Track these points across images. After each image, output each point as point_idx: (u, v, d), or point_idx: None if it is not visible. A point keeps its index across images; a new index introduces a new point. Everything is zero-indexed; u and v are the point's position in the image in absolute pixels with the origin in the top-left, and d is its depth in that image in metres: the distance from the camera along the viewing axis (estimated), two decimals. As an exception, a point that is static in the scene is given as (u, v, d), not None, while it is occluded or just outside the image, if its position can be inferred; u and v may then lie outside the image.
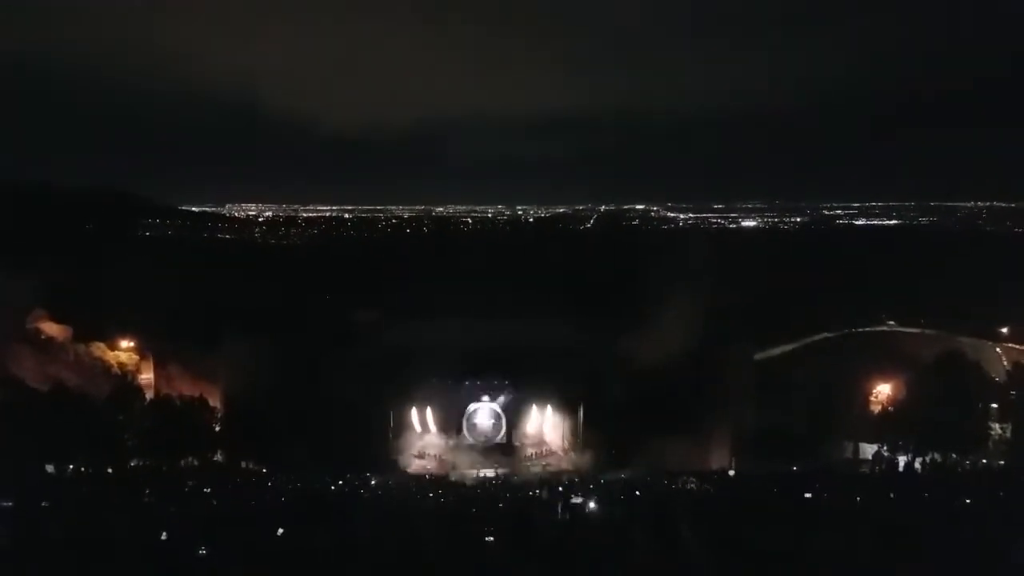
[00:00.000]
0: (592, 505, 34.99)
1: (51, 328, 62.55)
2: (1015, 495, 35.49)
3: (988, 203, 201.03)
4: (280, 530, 26.89)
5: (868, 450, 53.37)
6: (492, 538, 24.93)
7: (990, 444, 51.35)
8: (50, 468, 45.18)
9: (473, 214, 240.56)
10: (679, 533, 25.46)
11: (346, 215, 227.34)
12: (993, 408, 53.30)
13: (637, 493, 40.08)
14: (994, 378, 57.54)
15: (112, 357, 62.14)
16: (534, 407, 61.25)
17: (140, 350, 63.91)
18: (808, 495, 34.83)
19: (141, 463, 49.78)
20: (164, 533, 26.68)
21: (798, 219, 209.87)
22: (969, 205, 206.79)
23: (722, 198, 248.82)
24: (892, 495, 35.67)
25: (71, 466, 46.36)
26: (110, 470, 46.63)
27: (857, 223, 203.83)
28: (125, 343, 63.74)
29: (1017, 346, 63.87)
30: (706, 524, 27.65)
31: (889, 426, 53.63)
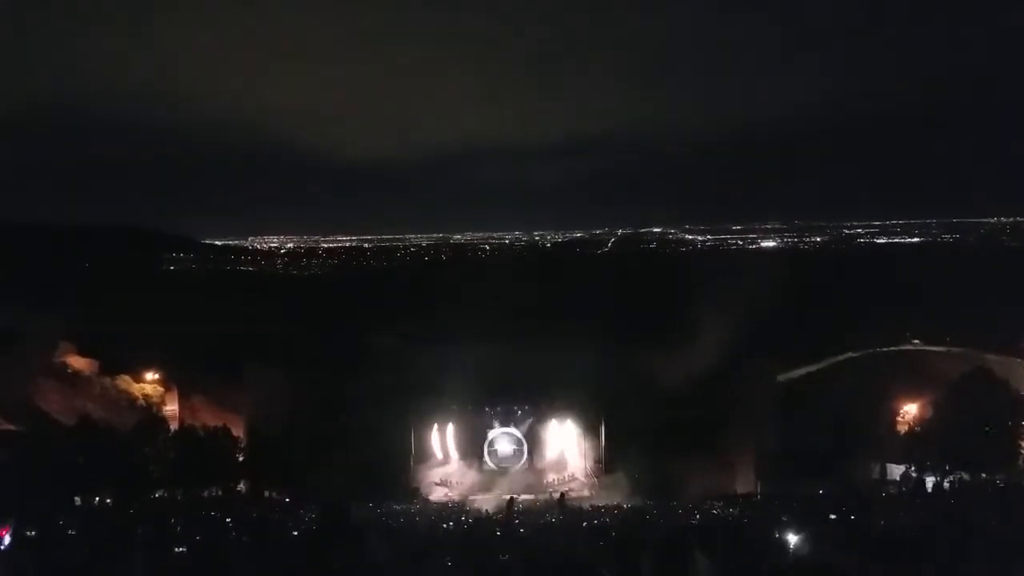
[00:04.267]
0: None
1: (78, 362, 63.50)
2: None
3: (1012, 218, 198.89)
4: (302, 559, 26.93)
5: (895, 471, 52.56)
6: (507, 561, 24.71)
7: (1020, 463, 50.47)
8: (77, 500, 45.68)
9: (491, 240, 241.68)
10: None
11: (366, 244, 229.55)
12: (1022, 426, 52.41)
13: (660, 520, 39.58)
14: (1023, 395, 56.59)
15: (137, 389, 62.87)
16: (555, 433, 61.02)
17: (165, 382, 64.65)
18: (833, 516, 34.22)
19: (166, 494, 50.19)
20: (188, 563, 26.81)
21: (818, 239, 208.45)
22: (992, 221, 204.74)
23: (740, 219, 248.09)
24: (920, 516, 35.00)
25: (97, 498, 46.85)
26: (135, 501, 47.02)
27: (878, 241, 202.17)
28: (150, 375, 64.52)
29: (1046, 362, 62.74)
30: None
31: (916, 446, 52.85)
